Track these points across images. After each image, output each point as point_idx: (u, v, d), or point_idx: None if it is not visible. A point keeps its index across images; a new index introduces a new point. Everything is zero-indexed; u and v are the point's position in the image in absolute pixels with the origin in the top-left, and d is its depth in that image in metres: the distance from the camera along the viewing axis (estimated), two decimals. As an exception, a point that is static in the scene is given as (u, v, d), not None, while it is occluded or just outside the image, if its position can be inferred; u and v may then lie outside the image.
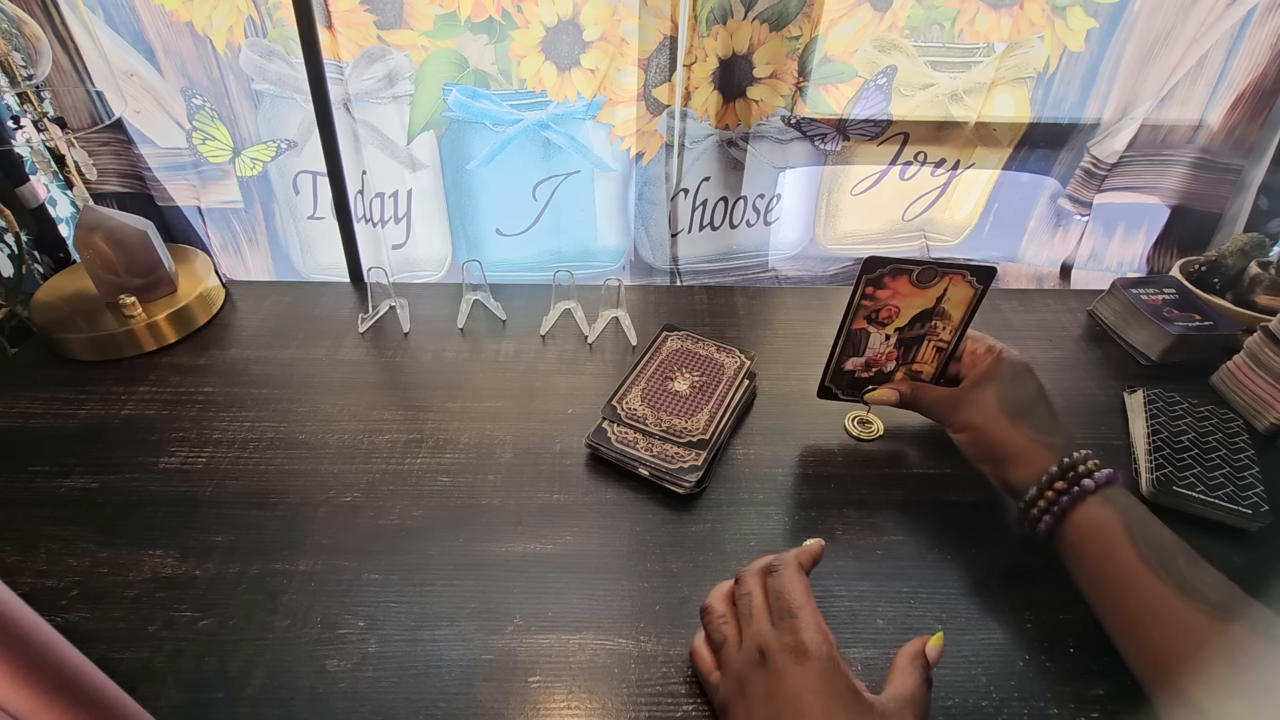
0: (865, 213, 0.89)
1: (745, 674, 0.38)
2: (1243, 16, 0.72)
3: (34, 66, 0.60)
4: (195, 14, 0.69)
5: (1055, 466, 0.45)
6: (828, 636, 0.38)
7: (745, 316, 0.78)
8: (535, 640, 0.46)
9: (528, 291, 0.79)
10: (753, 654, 0.39)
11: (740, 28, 0.71)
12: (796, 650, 0.37)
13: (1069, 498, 0.44)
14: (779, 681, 0.37)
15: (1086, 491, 0.44)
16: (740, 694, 0.38)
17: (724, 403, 0.61)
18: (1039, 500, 0.46)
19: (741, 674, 0.39)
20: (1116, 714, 0.43)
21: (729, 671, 0.40)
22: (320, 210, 0.83)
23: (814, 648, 0.37)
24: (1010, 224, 0.90)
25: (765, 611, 0.40)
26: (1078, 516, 0.44)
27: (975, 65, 0.77)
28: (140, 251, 0.69)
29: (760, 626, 0.40)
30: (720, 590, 0.45)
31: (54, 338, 0.68)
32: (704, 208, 0.83)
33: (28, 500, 0.55)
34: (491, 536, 0.53)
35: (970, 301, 0.53)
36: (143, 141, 0.76)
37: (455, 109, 0.76)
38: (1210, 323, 0.70)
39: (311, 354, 0.70)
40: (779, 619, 0.39)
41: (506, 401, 0.65)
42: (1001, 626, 0.48)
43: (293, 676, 0.44)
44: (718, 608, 0.43)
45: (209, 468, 0.58)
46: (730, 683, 0.39)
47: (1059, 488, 0.45)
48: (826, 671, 0.37)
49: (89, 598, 0.48)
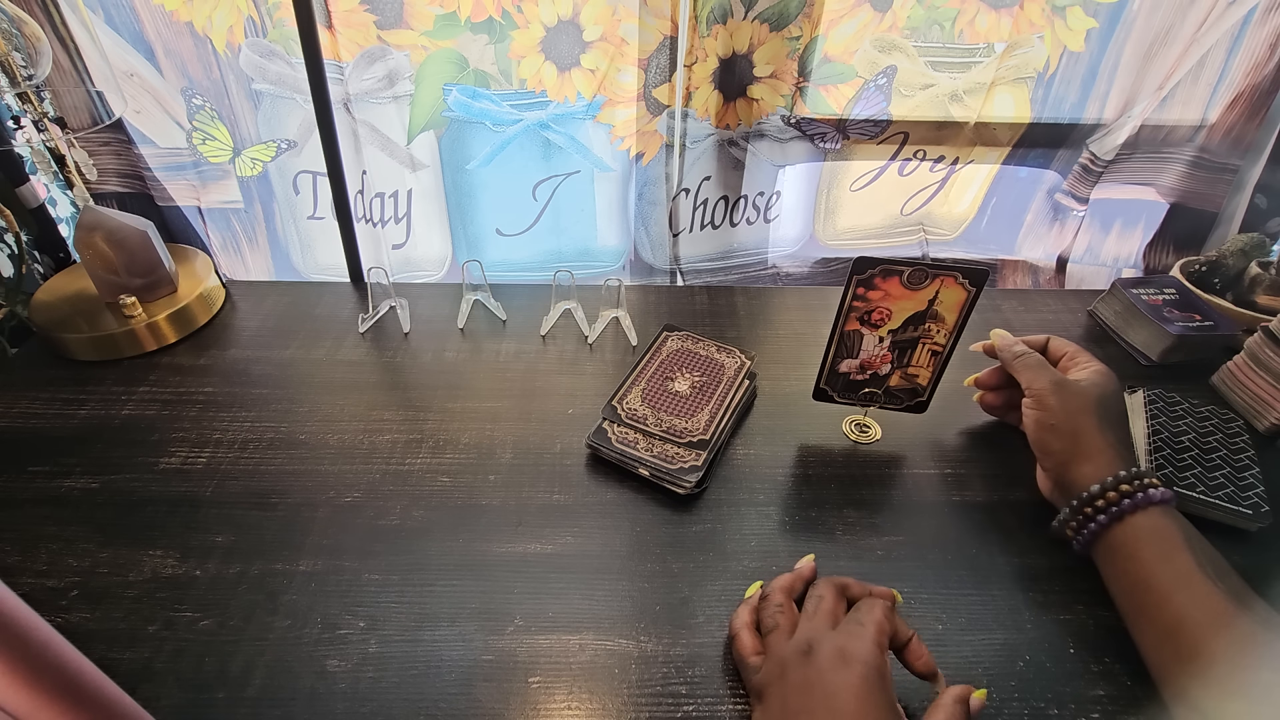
0: (864, 208, 0.89)
1: (789, 661, 0.39)
2: (1243, 16, 0.72)
3: (34, 66, 0.60)
4: (195, 14, 0.69)
5: (1124, 471, 0.47)
6: (883, 655, 0.39)
7: (745, 316, 0.78)
8: (535, 640, 0.46)
9: (528, 291, 0.79)
10: (802, 644, 0.40)
11: (740, 28, 0.71)
12: (845, 653, 0.38)
13: (1131, 502, 0.45)
14: (820, 676, 0.38)
15: (1151, 500, 0.45)
16: (780, 678, 0.39)
17: (724, 403, 0.61)
18: (1099, 498, 0.47)
19: (786, 661, 0.40)
20: (1116, 714, 0.43)
21: (773, 656, 0.41)
22: (320, 210, 0.83)
23: (864, 655, 0.38)
24: (1008, 219, 0.91)
25: (831, 616, 0.41)
26: (1137, 520, 0.45)
27: (975, 65, 0.77)
28: (140, 251, 0.69)
29: (820, 625, 0.41)
30: (781, 581, 0.46)
31: (54, 338, 0.68)
32: (705, 207, 0.83)
33: (28, 500, 0.55)
34: (492, 537, 0.53)
35: (963, 305, 0.53)
36: (143, 141, 0.76)
37: (455, 109, 0.76)
38: (1210, 323, 0.69)
39: (311, 354, 0.70)
40: (845, 625, 0.40)
41: (507, 402, 0.65)
42: (1001, 627, 0.48)
43: (293, 677, 0.44)
44: (777, 596, 0.44)
45: (209, 468, 0.58)
46: (773, 666, 0.40)
47: (1124, 490, 0.46)
48: (870, 679, 0.37)
49: (89, 598, 0.48)
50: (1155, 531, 0.44)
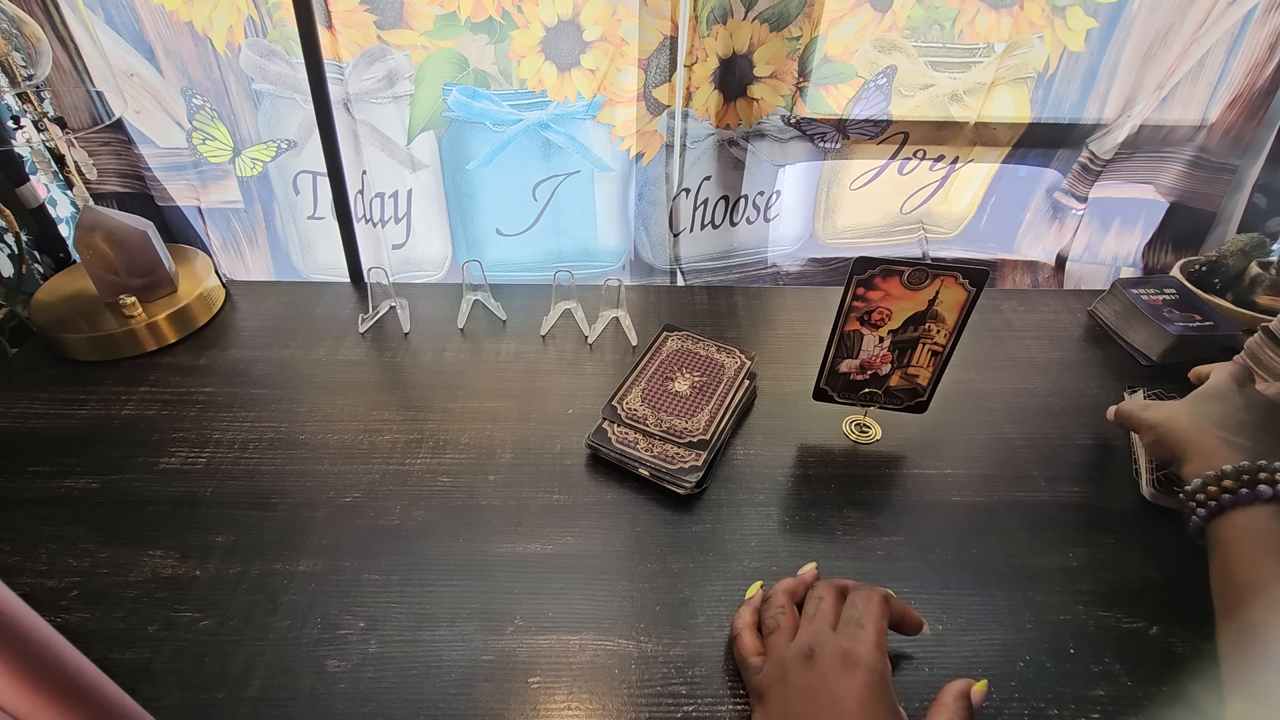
0: (864, 207, 0.89)
1: (791, 664, 0.39)
2: (1243, 16, 0.72)
3: (34, 66, 0.60)
4: (195, 14, 0.69)
5: (1229, 466, 0.44)
6: (885, 657, 0.39)
7: (745, 316, 0.78)
8: (535, 641, 0.46)
9: (528, 291, 0.79)
10: (804, 648, 0.39)
11: (740, 28, 0.71)
12: (848, 657, 0.38)
13: (1232, 497, 0.43)
14: (824, 682, 0.37)
15: (1259, 498, 0.42)
16: (781, 681, 0.39)
17: (724, 403, 0.61)
18: (1198, 493, 0.45)
19: (787, 664, 0.40)
20: (1116, 714, 0.43)
21: (774, 658, 0.41)
22: (320, 210, 0.83)
23: (867, 659, 0.38)
24: (1007, 217, 0.91)
25: (832, 617, 0.41)
26: (1237, 518, 0.43)
27: (975, 65, 0.77)
28: (140, 251, 0.69)
29: (821, 627, 0.40)
30: (785, 584, 0.46)
31: (54, 338, 0.68)
32: (705, 206, 0.83)
33: (28, 500, 0.55)
34: (491, 537, 0.53)
35: (963, 305, 0.53)
36: (143, 141, 0.76)
37: (455, 109, 0.76)
38: (1210, 323, 0.69)
39: (311, 354, 0.70)
40: (844, 626, 0.40)
41: (507, 402, 0.65)
42: (1001, 627, 0.48)
43: (293, 677, 0.44)
44: (779, 598, 0.44)
45: (209, 468, 0.58)
46: (774, 668, 0.40)
47: (1227, 485, 0.44)
48: (874, 684, 0.37)
49: (89, 598, 0.48)
50: (1251, 531, 0.42)
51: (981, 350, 0.72)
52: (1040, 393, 0.67)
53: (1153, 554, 0.53)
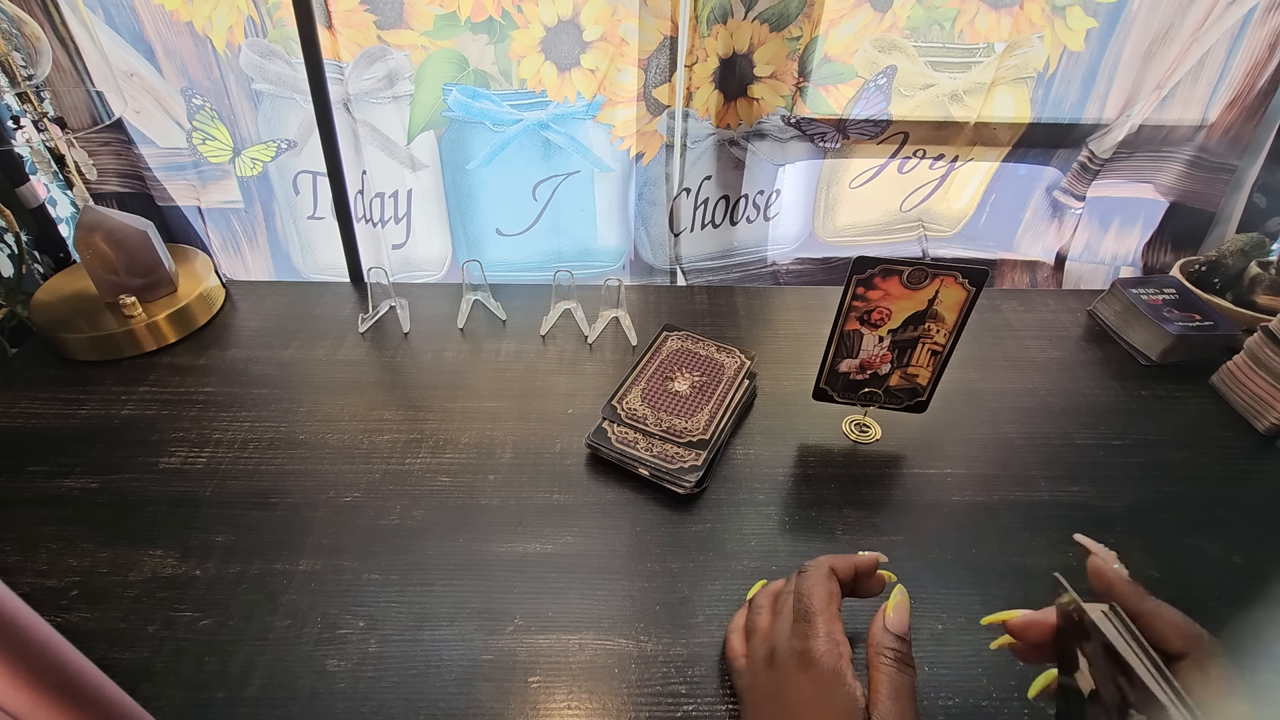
0: (864, 205, 0.89)
1: (757, 670, 0.40)
2: (1243, 16, 0.72)
3: (34, 66, 0.60)
4: (195, 14, 0.69)
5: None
6: (839, 645, 0.38)
7: (745, 316, 0.78)
8: (535, 640, 0.46)
9: (528, 291, 0.79)
10: (765, 652, 0.40)
11: (740, 28, 0.71)
12: (803, 657, 0.37)
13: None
14: (786, 687, 0.37)
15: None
16: (752, 687, 0.40)
17: (724, 403, 0.61)
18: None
19: (755, 669, 0.40)
20: (1116, 714, 0.43)
21: (751, 663, 0.41)
22: (320, 210, 0.83)
23: (820, 657, 0.37)
24: (1007, 215, 0.91)
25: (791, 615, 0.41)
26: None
27: (975, 65, 0.77)
28: (140, 251, 0.69)
29: (782, 626, 0.40)
30: (772, 586, 0.45)
31: (54, 338, 0.67)
32: (705, 206, 0.83)
33: (28, 500, 0.55)
34: (491, 536, 0.53)
35: (963, 304, 0.53)
36: (143, 141, 0.76)
37: (455, 109, 0.76)
38: (1210, 323, 0.69)
39: (311, 354, 0.70)
40: (796, 621, 0.40)
41: (506, 401, 0.65)
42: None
43: (293, 676, 0.44)
44: (761, 599, 0.44)
45: (209, 468, 0.58)
46: (748, 674, 0.41)
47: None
48: (827, 683, 0.36)
49: (89, 598, 0.48)
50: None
51: (981, 350, 0.72)
52: (1040, 393, 0.67)
53: (1153, 554, 0.53)
